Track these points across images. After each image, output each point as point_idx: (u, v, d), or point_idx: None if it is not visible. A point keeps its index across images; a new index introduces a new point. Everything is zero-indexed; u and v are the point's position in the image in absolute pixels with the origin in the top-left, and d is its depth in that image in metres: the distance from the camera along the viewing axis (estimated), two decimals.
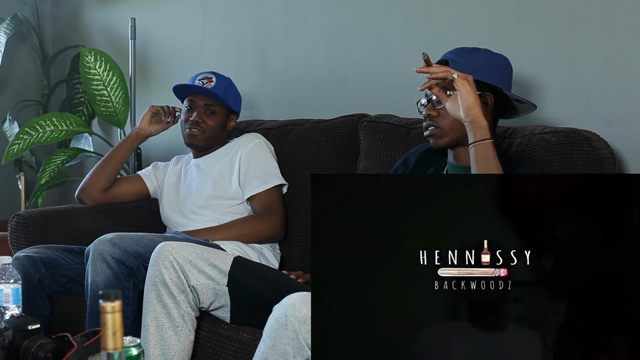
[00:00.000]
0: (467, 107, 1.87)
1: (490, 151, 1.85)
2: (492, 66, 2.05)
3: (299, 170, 2.73)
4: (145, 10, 3.77)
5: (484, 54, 2.08)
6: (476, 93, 1.88)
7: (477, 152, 1.85)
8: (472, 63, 2.02)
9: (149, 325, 2.06)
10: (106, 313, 1.18)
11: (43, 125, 3.48)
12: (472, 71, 1.96)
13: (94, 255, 2.18)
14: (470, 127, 1.87)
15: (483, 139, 1.85)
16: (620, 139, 2.26)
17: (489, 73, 2.03)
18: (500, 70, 2.08)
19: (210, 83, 2.72)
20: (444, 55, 2.10)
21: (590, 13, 2.36)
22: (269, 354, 1.72)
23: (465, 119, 1.88)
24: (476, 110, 1.87)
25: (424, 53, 1.93)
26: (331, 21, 3.08)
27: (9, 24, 3.79)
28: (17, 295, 1.92)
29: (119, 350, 1.19)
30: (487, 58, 2.07)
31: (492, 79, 2.04)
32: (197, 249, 2.10)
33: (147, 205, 2.92)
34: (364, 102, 2.90)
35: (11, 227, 2.70)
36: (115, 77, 3.59)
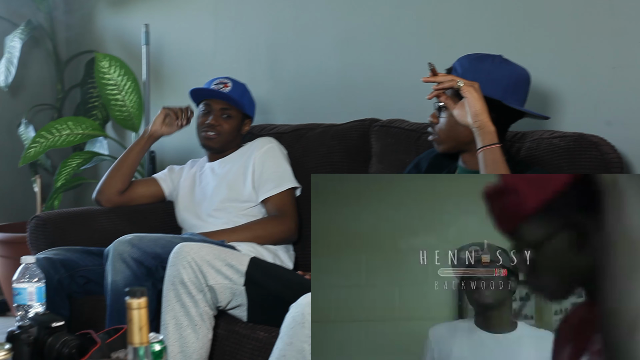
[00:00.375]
0: (475, 113, 1.92)
1: (499, 155, 1.91)
2: (493, 77, 2.03)
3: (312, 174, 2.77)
4: (159, 16, 3.82)
5: (488, 64, 2.06)
6: (483, 99, 1.94)
7: (485, 156, 1.91)
8: (475, 75, 2.01)
9: (168, 323, 2.10)
10: (132, 309, 1.21)
11: (59, 129, 3.54)
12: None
13: (114, 256, 2.23)
14: (478, 133, 1.93)
15: (491, 144, 1.91)
16: (628, 144, 2.29)
17: (491, 84, 2.01)
18: (503, 81, 2.04)
19: (226, 88, 2.78)
20: (457, 61, 2.11)
21: (597, 20, 2.40)
22: (287, 350, 1.76)
23: (473, 125, 1.94)
24: (484, 116, 1.92)
25: (430, 63, 2.00)
26: (342, 27, 3.12)
27: (24, 30, 3.85)
28: (40, 293, 1.96)
29: (144, 345, 1.23)
30: (490, 69, 2.05)
31: (492, 92, 2.01)
32: (215, 250, 2.15)
33: (163, 207, 2.97)
34: (375, 106, 2.94)
35: (30, 228, 2.75)
36: (129, 82, 3.64)
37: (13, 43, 3.79)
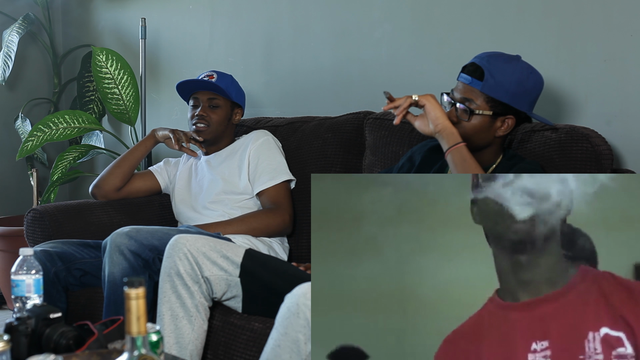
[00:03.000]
0: (435, 118, 2.03)
1: (466, 153, 2.00)
2: (524, 89, 2.06)
3: (307, 166, 2.80)
4: (155, 10, 3.83)
5: (519, 72, 2.06)
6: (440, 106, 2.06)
7: (453, 156, 2.00)
8: (504, 82, 2.04)
9: (164, 314, 2.12)
10: (130, 299, 1.23)
11: (56, 122, 3.55)
12: (504, 92, 2.04)
13: (111, 248, 2.25)
14: (441, 136, 2.03)
15: (456, 144, 2.00)
16: (618, 136, 2.32)
17: (519, 97, 2.06)
18: (532, 95, 2.09)
19: (211, 79, 2.80)
20: (482, 60, 2.08)
21: (588, 13, 2.42)
22: (281, 340, 1.78)
23: (435, 130, 2.04)
24: (442, 119, 2.03)
25: (385, 92, 2.11)
26: (337, 21, 3.14)
27: (21, 24, 3.86)
28: (38, 285, 1.98)
29: (142, 335, 1.24)
30: (522, 78, 2.06)
31: (520, 104, 2.06)
32: (210, 242, 2.16)
33: (159, 200, 2.99)
34: (369, 99, 2.96)
35: (27, 221, 2.76)
36: (126, 76, 3.65)
37: (10, 37, 3.80)
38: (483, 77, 2.05)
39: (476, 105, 2.06)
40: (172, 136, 2.83)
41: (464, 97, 2.08)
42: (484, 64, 2.06)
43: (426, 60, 2.83)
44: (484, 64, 2.06)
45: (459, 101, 2.09)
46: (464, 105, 2.08)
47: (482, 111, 2.06)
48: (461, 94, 2.09)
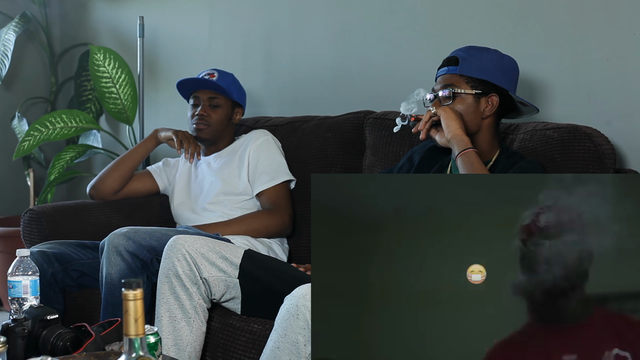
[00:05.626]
0: (447, 126, 2.07)
1: (474, 157, 2.03)
2: (500, 68, 2.15)
3: (307, 166, 2.78)
4: (153, 8, 3.81)
5: (493, 54, 2.17)
6: (456, 113, 2.09)
7: (463, 160, 2.03)
8: (481, 62, 2.14)
9: (162, 316, 2.10)
10: (128, 300, 1.22)
11: (53, 122, 3.53)
12: (481, 70, 2.13)
13: (109, 249, 2.23)
14: (453, 143, 2.07)
15: (465, 149, 2.04)
16: (621, 135, 2.30)
17: (498, 74, 2.14)
18: (508, 73, 2.18)
19: (212, 78, 2.78)
20: (454, 52, 2.19)
21: (591, 12, 2.41)
22: (281, 342, 1.77)
23: (447, 138, 2.08)
24: (454, 127, 2.07)
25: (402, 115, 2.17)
26: (337, 19, 3.12)
27: (18, 23, 3.85)
28: (35, 286, 1.97)
29: (140, 336, 1.23)
30: (497, 59, 2.16)
31: (500, 81, 2.14)
32: (209, 242, 2.15)
33: (158, 200, 2.97)
34: (369, 99, 2.95)
35: (24, 221, 2.75)
36: (124, 75, 3.64)
37: (7, 36, 3.78)
38: (458, 62, 2.14)
39: (458, 88, 2.13)
40: (175, 139, 2.81)
41: (444, 84, 2.15)
42: (457, 53, 2.18)
43: (426, 60, 2.81)
44: (457, 52, 2.18)
45: (441, 90, 2.15)
46: (446, 91, 2.13)
47: (464, 90, 2.12)
48: (441, 84, 2.16)
